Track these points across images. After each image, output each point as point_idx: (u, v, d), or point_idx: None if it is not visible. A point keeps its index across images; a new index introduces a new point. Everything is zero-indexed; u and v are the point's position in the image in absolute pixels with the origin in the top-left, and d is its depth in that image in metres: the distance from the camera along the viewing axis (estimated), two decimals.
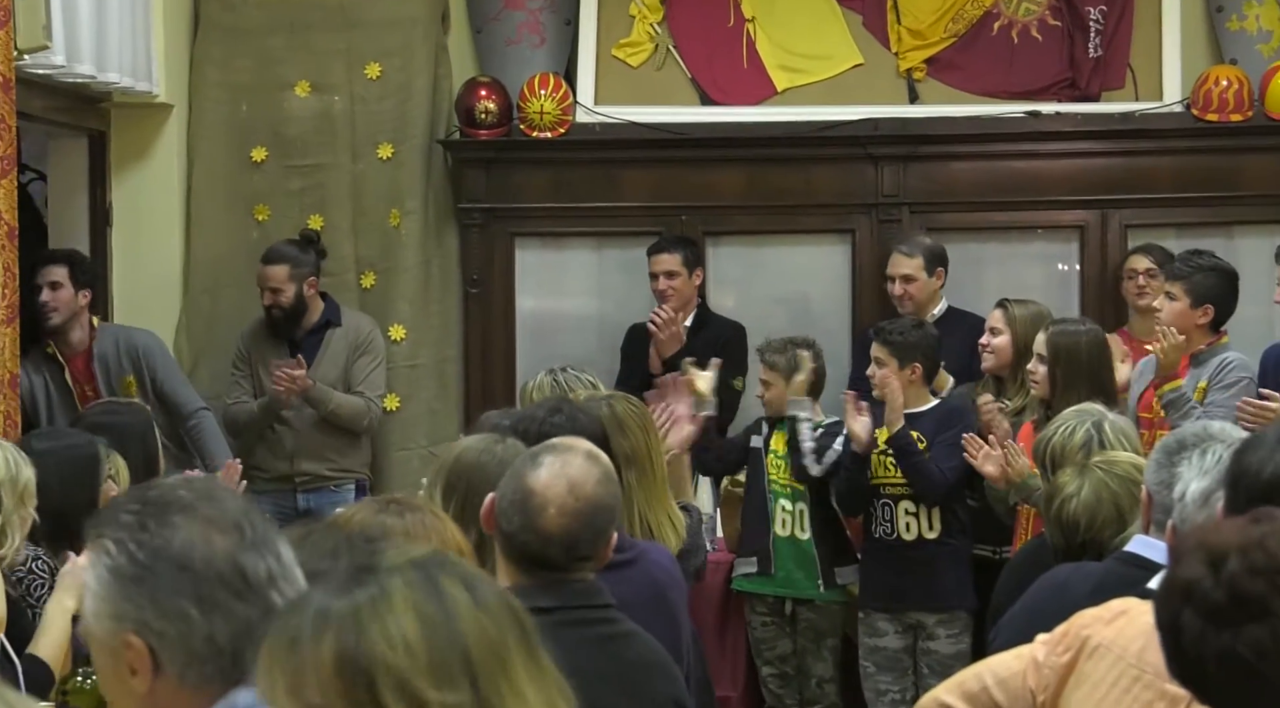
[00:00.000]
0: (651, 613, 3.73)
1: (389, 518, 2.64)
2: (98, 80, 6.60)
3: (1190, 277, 5.96)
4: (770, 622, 6.26)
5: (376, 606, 1.61)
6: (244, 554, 2.02)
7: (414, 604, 1.62)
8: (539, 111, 7.42)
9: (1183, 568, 2.13)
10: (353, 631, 1.60)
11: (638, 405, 4.40)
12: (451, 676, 1.60)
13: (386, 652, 1.59)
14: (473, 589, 1.67)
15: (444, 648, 1.61)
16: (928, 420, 6.02)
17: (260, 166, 7.55)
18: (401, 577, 1.64)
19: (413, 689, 1.57)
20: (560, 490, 2.97)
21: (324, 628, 1.61)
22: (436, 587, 1.64)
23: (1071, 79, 7.59)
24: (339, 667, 1.59)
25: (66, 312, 6.63)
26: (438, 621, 1.62)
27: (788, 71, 7.63)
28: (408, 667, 1.58)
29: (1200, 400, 5.73)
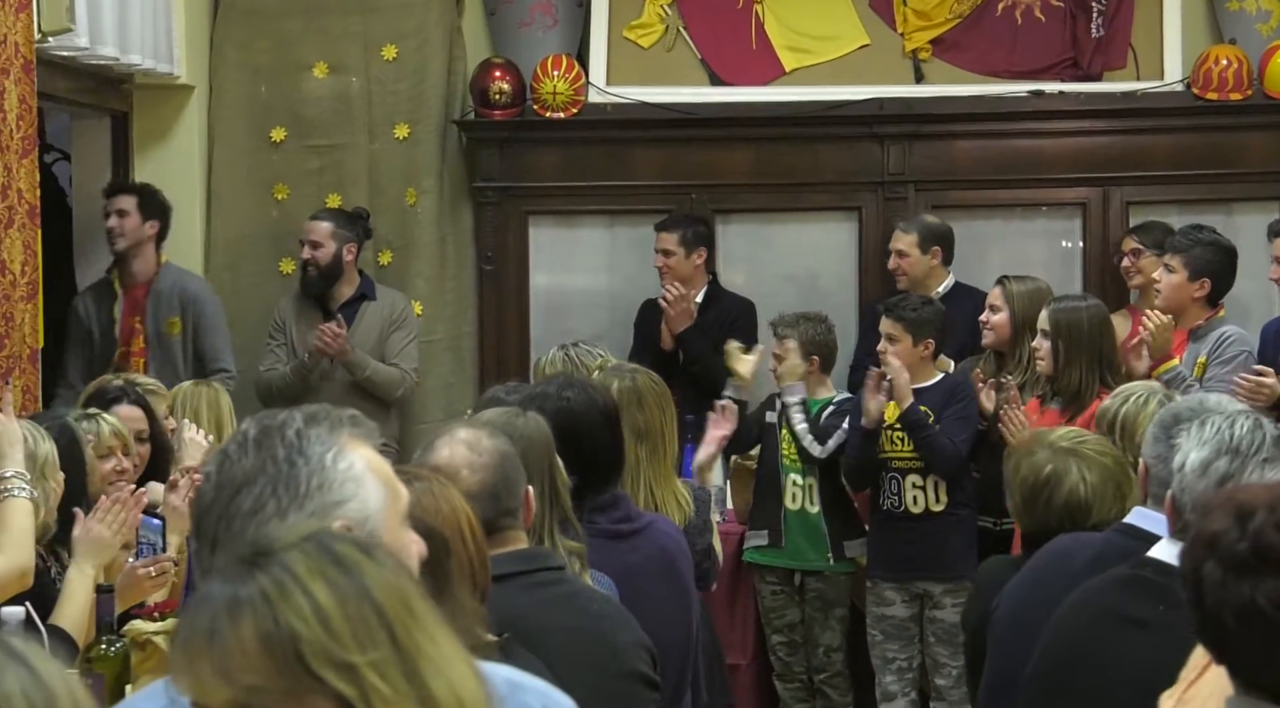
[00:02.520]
0: (660, 581, 3.81)
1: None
2: (120, 62, 6.68)
3: (1189, 250, 6.01)
4: (779, 591, 6.32)
5: (283, 584, 1.62)
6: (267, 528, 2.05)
7: (320, 573, 1.63)
8: (552, 92, 7.52)
9: (1211, 521, 2.16)
10: (267, 612, 1.60)
11: (658, 382, 4.44)
12: (371, 634, 1.62)
13: (303, 627, 1.60)
14: (366, 550, 1.68)
15: (357, 609, 1.62)
16: (934, 395, 6.07)
17: (279, 147, 7.65)
18: (299, 550, 1.65)
19: (338, 656, 1.59)
20: (462, 452, 2.97)
21: (239, 615, 1.61)
22: (334, 554, 1.65)
23: (1074, 59, 7.66)
24: (265, 647, 1.60)
25: (132, 239, 6.85)
26: (344, 584, 1.63)
27: (795, 52, 7.71)
28: (327, 636, 1.60)
29: (1200, 375, 5.77)
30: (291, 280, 7.49)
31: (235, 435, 2.02)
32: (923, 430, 5.97)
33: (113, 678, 3.73)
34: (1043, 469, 3.87)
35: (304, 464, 1.96)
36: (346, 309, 7.11)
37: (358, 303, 7.14)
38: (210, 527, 1.96)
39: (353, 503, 1.96)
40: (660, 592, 3.78)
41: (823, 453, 6.14)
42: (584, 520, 3.53)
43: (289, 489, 1.95)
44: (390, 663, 1.62)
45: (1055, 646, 3.14)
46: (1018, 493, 3.90)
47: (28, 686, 1.50)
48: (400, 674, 1.63)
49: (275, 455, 1.97)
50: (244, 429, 2.02)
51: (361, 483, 1.98)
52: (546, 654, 2.73)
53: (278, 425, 2.00)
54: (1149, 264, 6.67)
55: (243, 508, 1.94)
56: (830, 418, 6.20)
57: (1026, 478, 3.89)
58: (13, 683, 1.50)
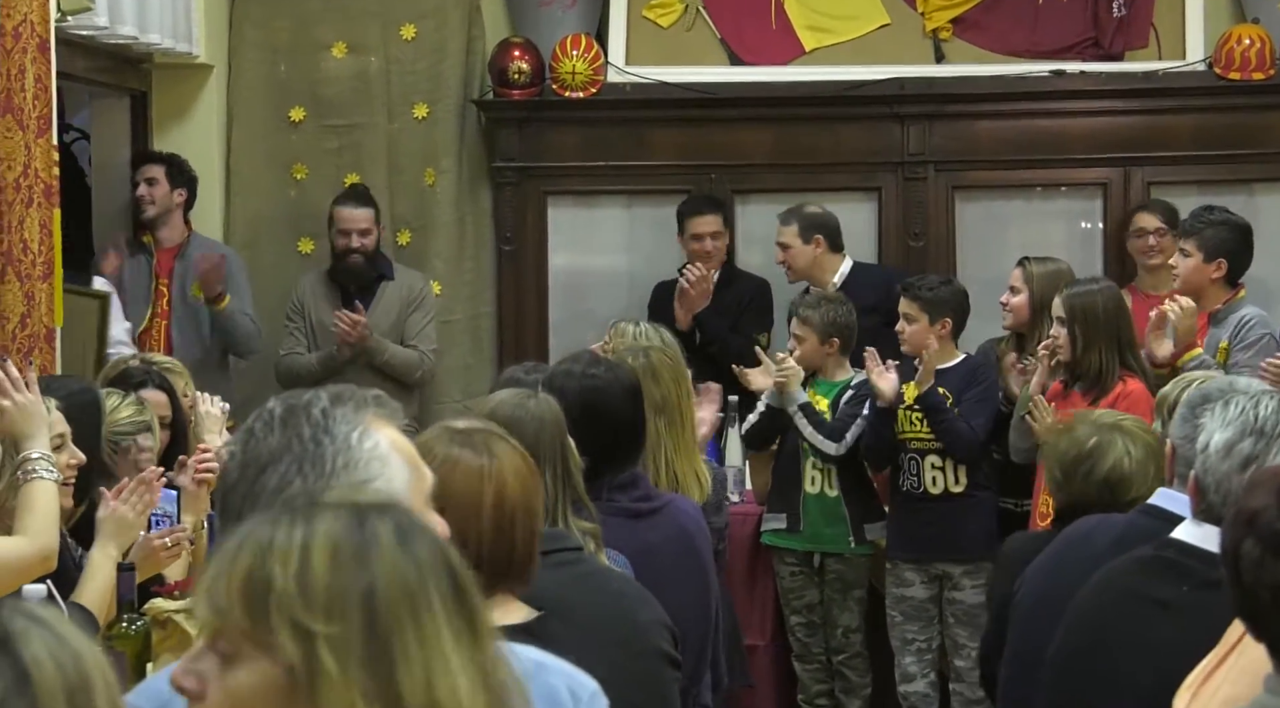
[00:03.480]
0: (680, 560, 3.82)
1: (442, 444, 2.60)
2: (139, 41, 6.68)
3: (1202, 232, 6.00)
4: (798, 572, 6.30)
5: (291, 537, 1.63)
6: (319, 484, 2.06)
7: (330, 539, 1.63)
8: (571, 72, 7.51)
9: (1251, 497, 2.16)
10: (261, 557, 1.63)
11: (673, 357, 4.47)
12: (347, 609, 1.61)
13: (282, 582, 1.61)
14: (405, 536, 1.67)
15: (346, 584, 1.62)
16: (954, 377, 6.07)
17: (298, 126, 7.65)
18: (332, 514, 1.66)
19: (298, 617, 1.60)
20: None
21: (243, 548, 1.64)
22: (362, 527, 1.65)
23: (1095, 38, 7.63)
24: (245, 584, 1.62)
25: (161, 206, 6.95)
26: (347, 553, 1.63)
27: (815, 32, 7.69)
28: (300, 599, 1.61)
29: (1223, 361, 5.74)
30: (311, 261, 7.50)
31: (261, 413, 2.03)
32: (940, 414, 5.96)
33: (134, 656, 3.74)
34: (1086, 442, 3.90)
35: (329, 443, 1.97)
36: (365, 290, 7.11)
37: (376, 283, 7.15)
38: (236, 504, 1.98)
39: (378, 482, 1.97)
40: (679, 571, 3.79)
41: (839, 450, 6.12)
42: (603, 499, 3.54)
43: (315, 467, 1.96)
44: (353, 645, 1.61)
45: (1078, 627, 3.14)
46: (1056, 466, 3.91)
47: (55, 649, 1.51)
48: (360, 662, 1.61)
49: (301, 434, 1.99)
50: (270, 408, 2.04)
51: (387, 462, 1.98)
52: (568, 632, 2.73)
53: (303, 404, 2.01)
54: (1170, 245, 6.64)
55: (268, 486, 1.96)
56: (848, 406, 6.18)
57: (1068, 451, 3.91)
58: (40, 647, 1.50)
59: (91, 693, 1.51)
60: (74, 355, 6.12)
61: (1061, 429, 4.01)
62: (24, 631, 1.50)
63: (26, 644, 1.49)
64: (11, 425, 3.81)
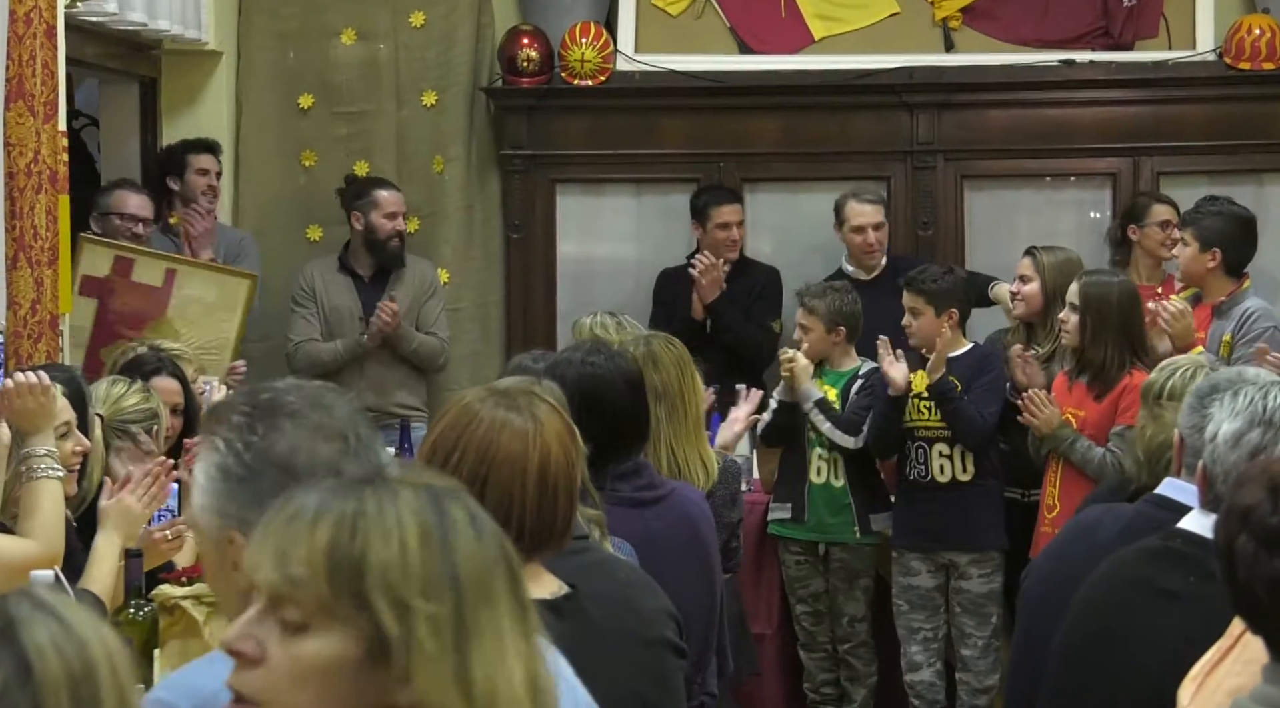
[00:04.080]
0: (685, 548, 3.82)
1: (487, 407, 2.60)
2: (148, 28, 6.70)
3: (1199, 221, 6.00)
4: (804, 561, 6.30)
5: (383, 508, 1.63)
6: (346, 462, 2.08)
7: (417, 514, 1.64)
8: (580, 60, 7.51)
9: (1244, 494, 2.16)
10: (350, 527, 1.62)
11: (675, 346, 4.45)
12: (440, 589, 1.61)
13: (382, 552, 1.61)
14: (474, 520, 1.68)
15: (438, 562, 1.62)
16: (962, 365, 6.05)
17: (307, 113, 7.66)
18: (411, 490, 1.67)
19: (401, 594, 1.60)
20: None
21: (323, 517, 1.63)
22: (441, 506, 1.66)
23: (1105, 28, 7.62)
24: (331, 552, 1.61)
25: (218, 199, 7.03)
26: (436, 535, 1.63)
27: (825, 20, 7.68)
28: (400, 571, 1.61)
29: (1226, 355, 5.72)
30: (320, 247, 7.51)
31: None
32: (950, 401, 5.96)
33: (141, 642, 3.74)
34: (1174, 429, 3.83)
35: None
36: (378, 278, 7.12)
37: (388, 271, 7.15)
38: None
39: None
40: (683, 559, 3.79)
41: (858, 443, 6.13)
42: (606, 488, 3.54)
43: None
44: (446, 625, 1.62)
45: (1084, 616, 3.14)
46: (1142, 452, 3.86)
47: (58, 636, 1.50)
48: (451, 643, 1.62)
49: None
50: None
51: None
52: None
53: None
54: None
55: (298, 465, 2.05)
56: (859, 397, 6.17)
57: (1155, 436, 3.82)
58: (43, 634, 1.49)
59: (96, 682, 1.51)
60: (217, 335, 6.31)
61: (1153, 417, 3.94)
62: (28, 618, 1.50)
63: (30, 633, 1.49)
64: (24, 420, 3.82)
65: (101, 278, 6.27)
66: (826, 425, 6.13)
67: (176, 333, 6.26)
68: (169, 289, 6.34)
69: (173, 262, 6.46)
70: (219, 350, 6.27)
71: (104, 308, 6.27)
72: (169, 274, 6.35)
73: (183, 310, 6.36)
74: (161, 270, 6.35)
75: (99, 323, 6.24)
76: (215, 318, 6.38)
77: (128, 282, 6.30)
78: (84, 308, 6.20)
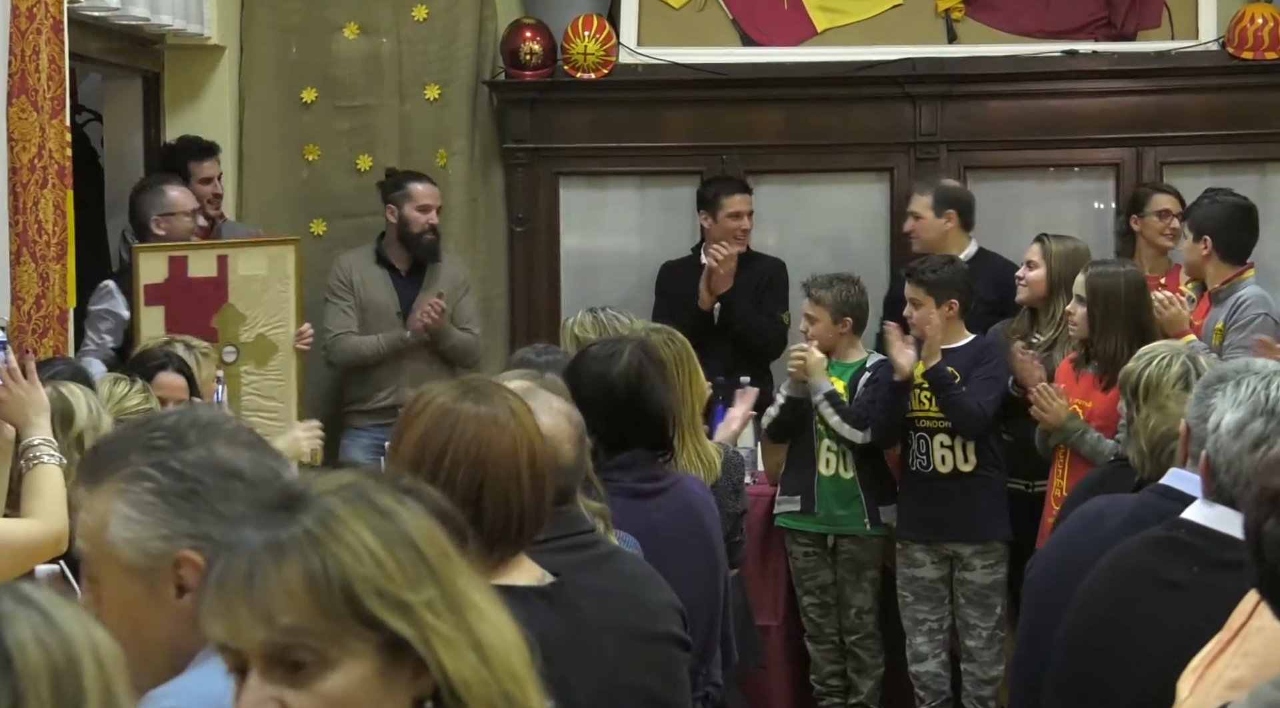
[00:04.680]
0: (688, 538, 3.83)
1: (467, 404, 2.59)
2: (151, 23, 6.71)
3: (1192, 213, 6.03)
4: (811, 552, 6.30)
5: (328, 524, 1.62)
6: (273, 462, 2.10)
7: (360, 517, 1.63)
8: (583, 52, 7.51)
9: (1274, 477, 2.15)
10: (314, 551, 1.60)
11: (675, 340, 4.46)
12: (419, 575, 1.62)
13: (355, 564, 1.59)
14: (401, 500, 1.68)
15: (402, 552, 1.62)
16: (963, 356, 6.06)
17: (310, 107, 7.66)
18: (337, 496, 1.65)
19: (395, 596, 1.60)
20: (563, 424, 3.01)
21: (282, 556, 1.60)
22: (368, 499, 1.65)
23: (1107, 18, 7.62)
24: (310, 587, 1.59)
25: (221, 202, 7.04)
26: (386, 527, 1.63)
27: (827, 12, 7.69)
28: (380, 574, 1.60)
29: (1219, 342, 5.72)
30: (323, 242, 7.53)
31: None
32: (947, 390, 5.96)
33: None
34: (1178, 420, 3.79)
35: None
36: (414, 272, 7.11)
37: (424, 266, 7.14)
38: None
39: None
40: (686, 550, 3.80)
41: (867, 437, 6.13)
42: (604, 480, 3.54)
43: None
44: (441, 604, 1.62)
45: (1088, 607, 3.14)
46: (1144, 441, 3.86)
47: (41, 632, 1.49)
48: (454, 617, 1.63)
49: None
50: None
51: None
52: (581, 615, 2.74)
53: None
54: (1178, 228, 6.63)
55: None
56: (867, 390, 6.17)
57: (1158, 427, 3.82)
58: (25, 630, 1.49)
59: (80, 676, 1.50)
60: (279, 307, 6.34)
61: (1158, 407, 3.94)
62: (10, 614, 1.49)
63: (10, 628, 1.48)
64: (11, 414, 3.83)
65: (161, 283, 6.28)
66: (835, 419, 6.13)
67: (242, 317, 6.36)
68: (224, 275, 6.37)
69: (220, 247, 6.50)
70: (284, 321, 6.33)
71: (171, 312, 6.27)
72: (220, 261, 6.37)
73: (242, 292, 6.39)
74: (213, 259, 6.37)
75: (170, 328, 6.20)
76: (273, 290, 6.41)
77: (186, 279, 6.31)
78: (152, 318, 6.22)
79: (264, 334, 6.38)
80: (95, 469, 2.12)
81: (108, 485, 2.08)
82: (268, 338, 6.37)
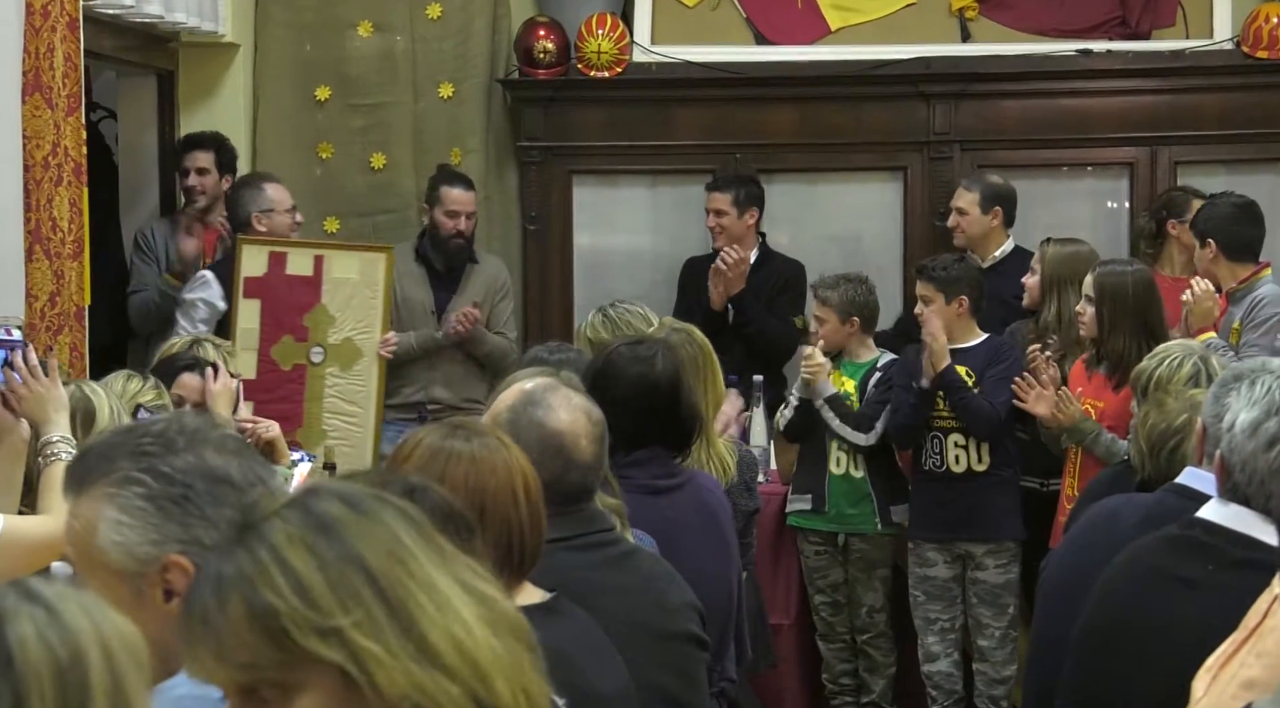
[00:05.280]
0: (703, 534, 3.83)
1: (457, 442, 2.61)
2: (165, 20, 6.71)
3: (1195, 221, 6.04)
4: (823, 551, 6.30)
5: (259, 559, 1.61)
6: (260, 470, 2.12)
7: (299, 540, 1.62)
8: (596, 51, 7.51)
9: None
10: (249, 589, 1.60)
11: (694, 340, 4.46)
12: (355, 594, 1.60)
13: (280, 602, 1.59)
14: (351, 503, 1.67)
15: (339, 572, 1.60)
16: (977, 355, 6.05)
17: (324, 105, 7.67)
18: (279, 519, 1.64)
19: (320, 623, 1.58)
20: (583, 421, 3.01)
21: (225, 595, 1.61)
22: (314, 515, 1.64)
23: (1122, 17, 7.62)
24: (253, 625, 1.60)
25: (210, 196, 7.00)
26: (324, 547, 1.61)
27: (841, 10, 7.68)
28: (306, 605, 1.59)
29: (1236, 342, 5.72)
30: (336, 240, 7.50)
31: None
32: (958, 392, 5.95)
33: None
34: (1176, 418, 3.82)
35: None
36: (452, 272, 7.11)
37: (463, 266, 7.12)
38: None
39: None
40: (702, 547, 3.80)
41: (869, 440, 6.12)
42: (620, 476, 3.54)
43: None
44: (379, 620, 1.60)
45: (1102, 605, 3.14)
46: (1144, 440, 3.86)
47: (45, 628, 1.49)
48: (392, 632, 1.61)
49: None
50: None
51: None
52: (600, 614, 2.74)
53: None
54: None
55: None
56: (877, 391, 6.16)
57: (1156, 425, 3.84)
58: (27, 626, 1.48)
59: (85, 671, 1.50)
60: (367, 313, 6.40)
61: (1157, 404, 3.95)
62: (13, 611, 1.49)
63: (13, 625, 1.48)
64: (31, 411, 3.83)
65: (260, 277, 6.36)
66: (836, 422, 6.12)
67: (332, 318, 6.44)
68: (319, 276, 6.45)
69: (318, 247, 6.55)
70: (370, 328, 6.39)
71: (266, 307, 6.37)
72: (317, 261, 6.45)
73: (334, 294, 6.48)
74: (311, 258, 6.44)
75: (264, 323, 6.34)
76: (362, 296, 6.49)
77: (284, 276, 6.40)
78: (249, 310, 6.34)
79: (351, 338, 6.47)
80: (82, 474, 2.13)
81: (96, 490, 2.09)
82: (354, 342, 6.45)
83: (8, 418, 3.79)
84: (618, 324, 4.95)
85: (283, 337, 6.42)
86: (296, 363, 6.46)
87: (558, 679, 1.75)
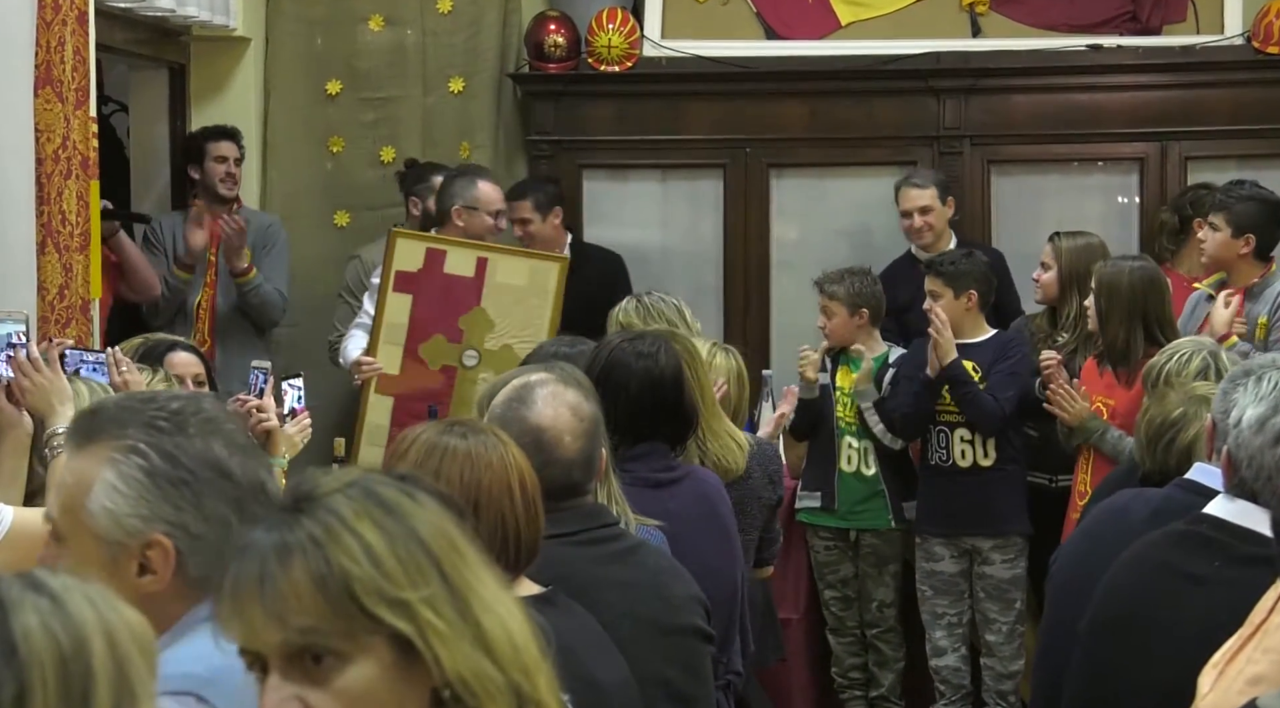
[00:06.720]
0: (704, 527, 3.83)
1: (453, 439, 2.62)
2: (177, 14, 6.73)
3: (1231, 207, 5.95)
4: (833, 546, 6.32)
5: (330, 526, 1.65)
6: (262, 470, 2.14)
7: (366, 514, 1.66)
8: (607, 45, 7.51)
9: None
10: (318, 554, 1.63)
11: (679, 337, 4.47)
12: (421, 571, 1.65)
13: (354, 566, 1.63)
14: (408, 493, 1.71)
15: (405, 548, 1.65)
16: (985, 350, 6.06)
17: (334, 99, 7.68)
18: (342, 495, 1.69)
19: (390, 593, 1.63)
20: (567, 417, 3.01)
21: (289, 559, 1.64)
22: (377, 496, 1.69)
23: (1132, 12, 7.61)
24: (318, 588, 1.63)
25: (239, 185, 7.03)
26: (390, 524, 1.66)
27: (851, 5, 7.67)
28: (378, 575, 1.63)
29: (1263, 337, 5.70)
30: (346, 234, 7.55)
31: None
32: (964, 387, 5.95)
33: None
34: (1174, 411, 3.82)
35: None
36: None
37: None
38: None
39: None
40: (703, 539, 3.81)
41: (903, 444, 6.16)
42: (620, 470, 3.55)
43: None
44: (442, 599, 1.65)
45: (1109, 600, 3.14)
46: (1143, 434, 3.86)
47: (49, 618, 1.50)
48: (453, 610, 1.66)
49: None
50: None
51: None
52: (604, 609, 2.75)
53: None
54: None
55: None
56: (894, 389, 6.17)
57: (1154, 418, 3.85)
58: (32, 617, 1.49)
59: (88, 659, 1.50)
60: (530, 321, 6.18)
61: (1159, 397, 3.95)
62: (18, 601, 1.50)
63: (17, 614, 1.49)
64: (36, 403, 3.84)
65: (414, 272, 6.19)
66: (879, 427, 6.14)
67: (491, 323, 6.21)
68: (481, 278, 6.22)
69: (484, 250, 6.31)
70: (534, 337, 5.95)
71: (418, 303, 6.19)
72: (480, 263, 6.22)
73: (495, 299, 6.22)
74: (473, 260, 6.22)
75: (414, 319, 6.18)
76: (527, 304, 6.22)
77: (441, 274, 6.21)
78: (399, 305, 6.17)
79: (511, 346, 6.13)
80: (90, 430, 2.12)
81: (100, 450, 2.09)
82: (514, 350, 6.04)
83: (11, 411, 3.79)
84: (650, 313, 4.95)
85: (434, 335, 6.20)
86: (446, 364, 6.23)
87: (559, 670, 1.76)
